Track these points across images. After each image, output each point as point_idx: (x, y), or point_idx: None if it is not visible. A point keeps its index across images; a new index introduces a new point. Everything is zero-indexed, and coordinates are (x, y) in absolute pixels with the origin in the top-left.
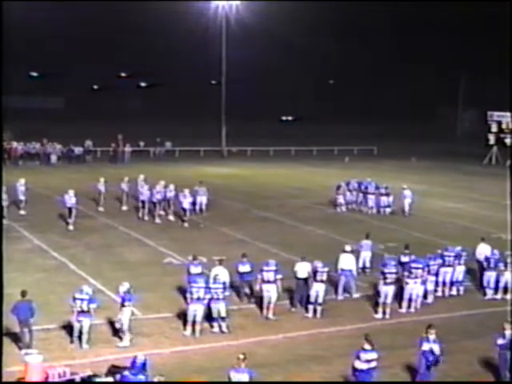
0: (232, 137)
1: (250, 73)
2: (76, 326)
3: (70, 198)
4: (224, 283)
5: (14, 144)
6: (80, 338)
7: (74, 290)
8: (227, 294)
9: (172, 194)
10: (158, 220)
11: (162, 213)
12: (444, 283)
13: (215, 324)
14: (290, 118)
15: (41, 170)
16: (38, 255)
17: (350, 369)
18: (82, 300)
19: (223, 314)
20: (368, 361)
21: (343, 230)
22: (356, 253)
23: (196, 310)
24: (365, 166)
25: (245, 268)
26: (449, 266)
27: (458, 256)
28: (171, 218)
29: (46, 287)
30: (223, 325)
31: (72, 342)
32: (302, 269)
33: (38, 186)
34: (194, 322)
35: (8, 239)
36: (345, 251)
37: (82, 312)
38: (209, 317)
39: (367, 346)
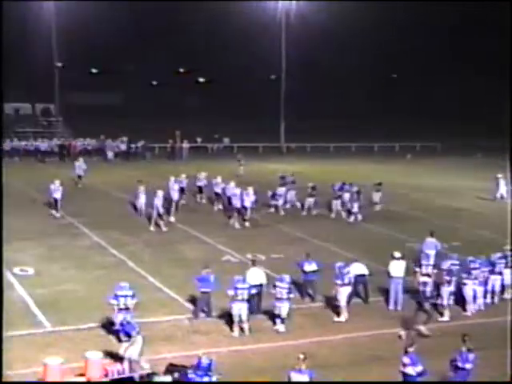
0: (289, 133)
1: (305, 70)
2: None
3: (56, 190)
4: (289, 283)
5: (74, 141)
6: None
7: (134, 287)
8: (292, 295)
9: (234, 191)
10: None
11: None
12: (493, 291)
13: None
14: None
15: (99, 166)
16: (97, 252)
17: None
18: (125, 297)
19: (284, 315)
20: (470, 361)
21: (405, 227)
22: (419, 252)
23: (240, 309)
24: (427, 162)
25: (311, 267)
26: (499, 273)
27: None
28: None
29: (105, 284)
30: (281, 326)
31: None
32: (357, 268)
33: (97, 182)
34: (240, 322)
35: (67, 236)
36: (394, 258)
37: (125, 309)
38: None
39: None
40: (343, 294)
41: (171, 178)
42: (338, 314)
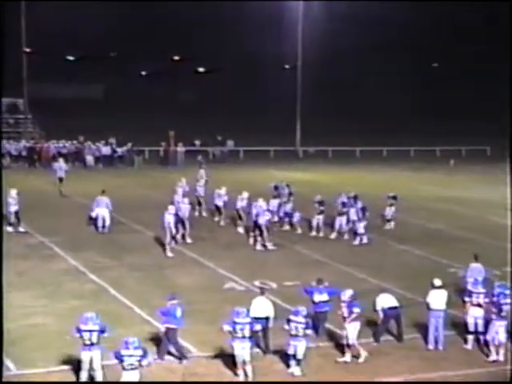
0: (307, 134)
1: (327, 58)
2: (85, 360)
3: (12, 203)
4: (306, 317)
5: (46, 143)
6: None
7: (115, 320)
8: (309, 332)
9: (244, 203)
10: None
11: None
12: None
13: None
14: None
15: (76, 173)
16: (73, 278)
17: None
18: (90, 332)
19: (300, 356)
20: None
21: (447, 249)
22: (463, 279)
23: (244, 348)
24: (474, 169)
25: (322, 297)
26: None
27: None
28: (241, 230)
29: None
30: (297, 369)
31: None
32: (386, 300)
33: (73, 192)
34: (243, 363)
35: (38, 258)
36: (434, 286)
37: (91, 345)
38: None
39: None
40: (350, 331)
41: (178, 189)
42: (344, 353)
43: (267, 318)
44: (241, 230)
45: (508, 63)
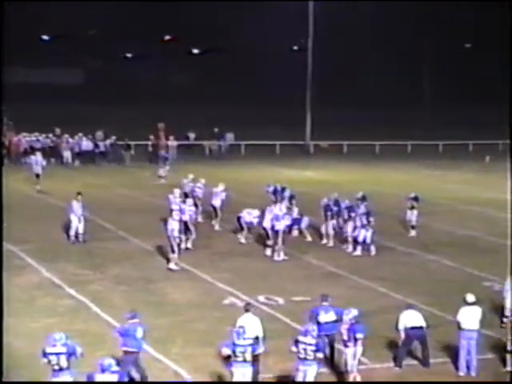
0: (319, 126)
1: (342, 37)
2: None
3: None
4: (317, 338)
5: (16, 136)
6: None
7: (95, 341)
8: (320, 355)
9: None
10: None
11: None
12: None
13: None
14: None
15: (52, 171)
16: (47, 292)
17: None
18: (57, 355)
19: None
20: None
21: (481, 260)
22: (500, 294)
23: (245, 374)
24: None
25: (328, 316)
26: None
27: None
28: (242, 239)
29: None
30: None
31: None
32: (410, 318)
33: (48, 193)
34: None
35: (6, 270)
36: (467, 303)
37: (59, 370)
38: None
39: None
40: (350, 357)
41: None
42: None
43: (257, 338)
44: (242, 238)
45: None
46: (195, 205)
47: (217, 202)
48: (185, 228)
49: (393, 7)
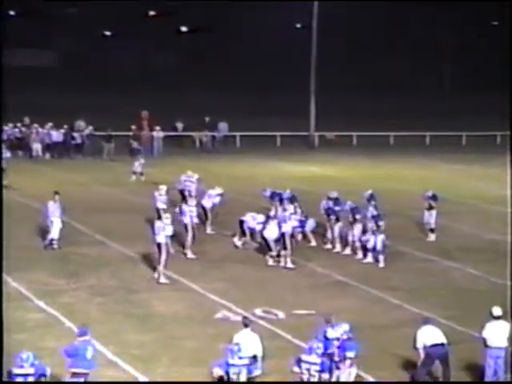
0: (324, 115)
1: (350, 14)
2: None
3: None
4: (322, 356)
5: None
6: None
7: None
8: (326, 375)
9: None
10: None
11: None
12: None
13: None
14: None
15: (20, 165)
16: (14, 305)
17: None
18: (25, 377)
19: None
20: None
21: (509, 268)
22: None
23: None
24: None
25: (336, 332)
26: None
27: None
28: (238, 243)
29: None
30: None
31: None
32: (429, 334)
33: (14, 191)
34: None
35: None
36: (493, 317)
37: None
38: None
39: None
40: (345, 378)
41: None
42: None
43: (254, 357)
44: (238, 242)
45: None
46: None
47: (208, 204)
48: (186, 232)
49: None
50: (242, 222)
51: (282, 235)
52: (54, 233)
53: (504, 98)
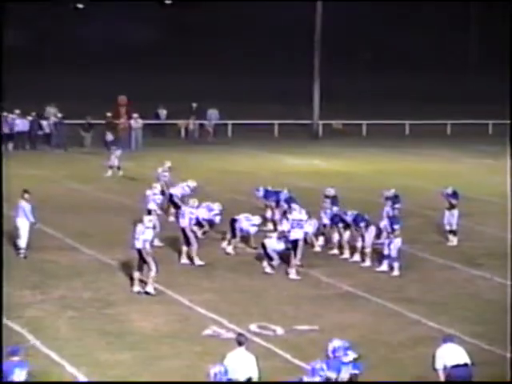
0: (330, 101)
1: None
2: None
3: None
4: (326, 378)
5: None
6: None
7: None
8: None
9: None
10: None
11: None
12: None
13: None
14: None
15: None
16: None
17: None
18: None
19: None
20: None
21: None
22: None
23: None
24: None
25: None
26: None
27: None
28: (228, 248)
29: None
30: None
31: None
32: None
33: None
34: None
35: None
36: None
37: None
38: None
39: None
40: None
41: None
42: None
43: (249, 379)
44: (226, 245)
45: None
46: (162, 193)
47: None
48: (183, 237)
49: None
50: (233, 222)
51: (295, 242)
52: (22, 238)
53: None
